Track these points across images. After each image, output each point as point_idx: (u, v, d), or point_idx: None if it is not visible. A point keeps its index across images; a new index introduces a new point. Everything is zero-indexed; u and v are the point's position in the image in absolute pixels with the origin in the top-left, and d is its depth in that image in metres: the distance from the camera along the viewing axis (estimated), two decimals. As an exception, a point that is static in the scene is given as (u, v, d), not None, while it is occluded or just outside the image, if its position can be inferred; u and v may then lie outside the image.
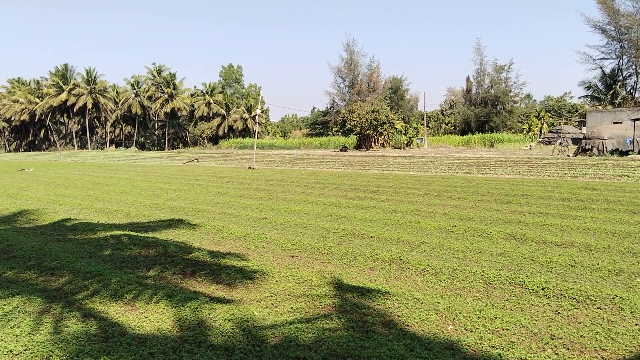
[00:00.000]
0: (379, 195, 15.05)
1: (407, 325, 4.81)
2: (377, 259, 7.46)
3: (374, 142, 60.74)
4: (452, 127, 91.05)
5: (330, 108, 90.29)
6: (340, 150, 60.36)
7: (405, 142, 61.39)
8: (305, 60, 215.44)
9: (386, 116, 59.65)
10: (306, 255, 7.93)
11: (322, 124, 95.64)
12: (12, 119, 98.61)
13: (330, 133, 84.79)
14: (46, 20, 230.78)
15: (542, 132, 73.87)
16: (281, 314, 5.17)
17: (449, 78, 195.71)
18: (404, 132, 63.71)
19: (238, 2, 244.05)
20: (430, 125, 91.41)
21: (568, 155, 35.93)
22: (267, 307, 5.39)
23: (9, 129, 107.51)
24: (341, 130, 71.77)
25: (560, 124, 75.95)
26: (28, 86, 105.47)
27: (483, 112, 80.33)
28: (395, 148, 59.70)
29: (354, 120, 60.17)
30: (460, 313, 5.06)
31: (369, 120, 58.67)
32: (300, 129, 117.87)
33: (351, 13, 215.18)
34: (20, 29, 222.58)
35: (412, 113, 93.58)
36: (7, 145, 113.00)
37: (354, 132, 62.78)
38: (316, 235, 9.49)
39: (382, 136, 60.70)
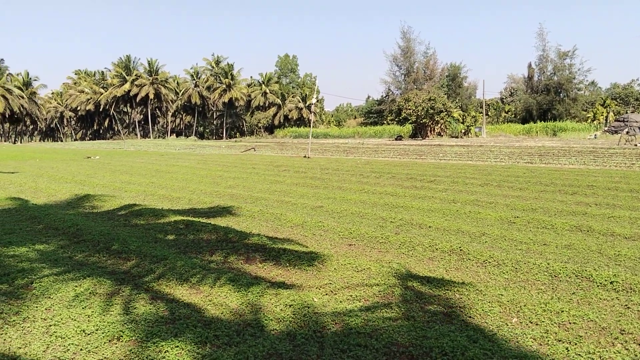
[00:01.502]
0: (437, 185, 14.86)
1: (469, 317, 4.75)
2: (436, 249, 7.38)
3: (430, 131, 59.78)
4: (513, 116, 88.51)
5: (385, 97, 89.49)
6: (395, 139, 59.83)
7: (463, 130, 60.11)
8: (361, 49, 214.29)
9: (443, 104, 58.54)
10: (363, 244, 7.94)
11: (376, 113, 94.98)
12: (78, 108, 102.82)
13: (385, 122, 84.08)
14: (112, 14, 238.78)
15: (608, 121, 70.74)
16: (340, 302, 5.20)
17: (509, 65, 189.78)
18: (461, 121, 62.33)
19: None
20: (489, 113, 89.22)
21: (636, 145, 34.28)
22: (326, 294, 5.44)
23: (75, 119, 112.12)
24: (396, 119, 71.02)
25: (627, 113, 72.47)
26: (93, 77, 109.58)
27: (545, 100, 77.54)
28: (453, 137, 58.58)
29: (409, 109, 59.41)
30: (524, 306, 4.95)
31: (425, 109, 57.76)
32: (355, 117, 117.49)
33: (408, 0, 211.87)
34: (86, 22, 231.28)
35: (471, 101, 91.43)
36: (73, 134, 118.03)
37: (410, 121, 61.95)
38: (373, 224, 9.48)
39: (439, 125, 59.62)
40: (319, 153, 34.33)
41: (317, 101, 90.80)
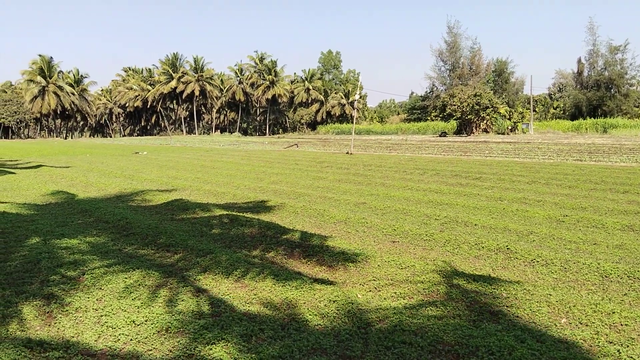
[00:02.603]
0: (482, 182, 14.60)
1: (517, 317, 4.64)
2: (483, 247, 7.25)
3: (476, 128, 58.79)
4: (561, 112, 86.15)
5: (429, 92, 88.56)
6: (440, 136, 59.13)
7: (510, 127, 58.83)
8: (405, 44, 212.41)
9: (489, 100, 57.49)
10: (407, 241, 7.87)
11: (420, 109, 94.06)
12: (127, 105, 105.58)
13: (429, 118, 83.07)
14: (159, 12, 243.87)
15: (663, 117, 68.06)
16: (385, 299, 5.18)
17: (558, 60, 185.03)
18: (508, 117, 60.99)
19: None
20: (536, 109, 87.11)
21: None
22: (370, 291, 5.42)
23: (123, 115, 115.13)
24: (440, 115, 70.10)
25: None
26: (141, 74, 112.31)
27: (595, 96, 75.17)
28: (499, 133, 57.45)
29: (454, 105, 58.59)
30: (574, 306, 4.82)
31: (471, 105, 56.85)
32: (398, 114, 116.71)
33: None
34: (135, 20, 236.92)
35: (518, 97, 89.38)
36: (121, 130, 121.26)
37: (454, 117, 61.14)
38: (417, 221, 9.38)
39: (485, 121, 58.56)
40: (361, 149, 34.23)
41: (360, 97, 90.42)
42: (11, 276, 5.78)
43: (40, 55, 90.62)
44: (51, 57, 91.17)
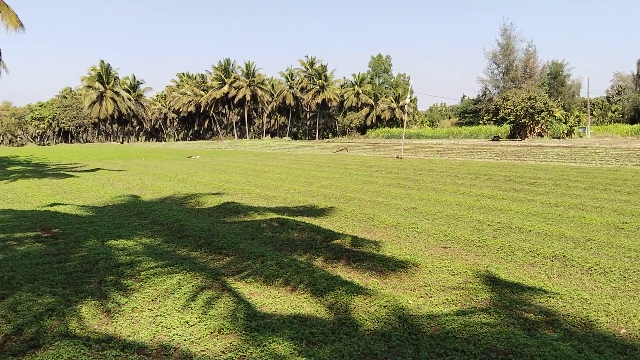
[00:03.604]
0: (537, 188, 14.22)
1: (574, 326, 4.49)
2: (537, 254, 7.06)
3: (530, 132, 57.33)
4: (620, 115, 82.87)
5: (482, 96, 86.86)
6: (492, 140, 57.94)
7: (565, 131, 57.04)
8: (457, 47, 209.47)
9: (544, 104, 55.95)
10: (459, 247, 7.74)
11: (472, 113, 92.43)
12: (180, 110, 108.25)
13: (481, 122, 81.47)
14: (213, 19, 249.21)
15: None
16: (436, 305, 5.11)
17: (616, 62, 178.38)
18: (563, 121, 59.14)
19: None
20: (594, 113, 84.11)
21: None
22: (421, 297, 5.36)
23: (177, 120, 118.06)
24: (493, 119, 68.77)
25: None
26: (194, 80, 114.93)
27: (657, 99, 72.06)
28: (554, 138, 55.81)
29: (508, 108, 57.32)
30: (634, 316, 4.63)
31: (525, 108, 55.48)
32: (449, 118, 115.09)
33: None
34: (188, 27, 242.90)
35: (574, 100, 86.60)
36: (175, 134, 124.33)
37: (508, 121, 59.79)
38: (469, 227, 9.22)
39: (539, 125, 57.03)
40: (411, 154, 33.92)
41: (411, 101, 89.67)
42: (71, 276, 6.01)
43: (101, 61, 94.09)
44: (109, 64, 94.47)
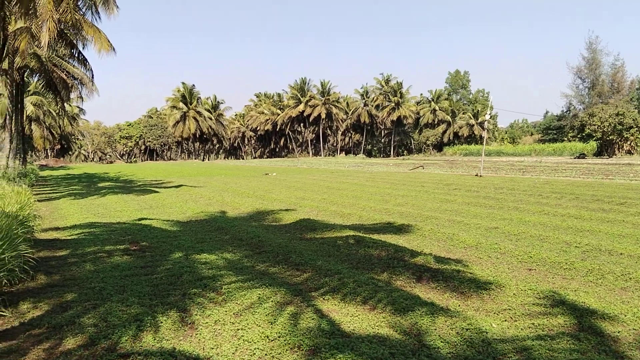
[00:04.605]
0: (628, 208, 13.41)
1: (676, 358, 4.17)
2: (630, 278, 6.63)
3: (618, 149, 54.46)
4: None
5: (566, 112, 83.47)
6: (577, 158, 55.42)
7: (658, 148, 53.77)
8: (539, 62, 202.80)
9: (633, 120, 53.10)
10: (545, 270, 7.41)
11: (556, 129, 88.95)
12: (258, 128, 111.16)
13: (566, 139, 78.25)
14: (290, 40, 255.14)
15: None
16: (521, 329, 4.90)
17: None
18: (656, 138, 55.82)
19: (465, 8, 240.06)
20: (691, 129, 78.68)
21: None
22: (505, 321, 5.16)
23: (254, 138, 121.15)
24: (578, 136, 65.95)
25: None
26: (271, 99, 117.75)
27: None
28: (646, 155, 52.69)
29: (594, 125, 54.83)
30: None
31: (612, 125, 52.86)
32: (531, 134, 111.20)
33: (592, 7, 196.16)
34: (266, 48, 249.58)
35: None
36: (253, 152, 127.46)
37: (594, 138, 57.17)
38: (555, 248, 8.82)
39: (628, 142, 54.09)
40: (491, 171, 32.99)
41: (490, 117, 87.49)
42: (157, 288, 6.24)
43: (183, 83, 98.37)
44: (193, 85, 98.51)
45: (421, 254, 8.19)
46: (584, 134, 59.94)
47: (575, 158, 55.36)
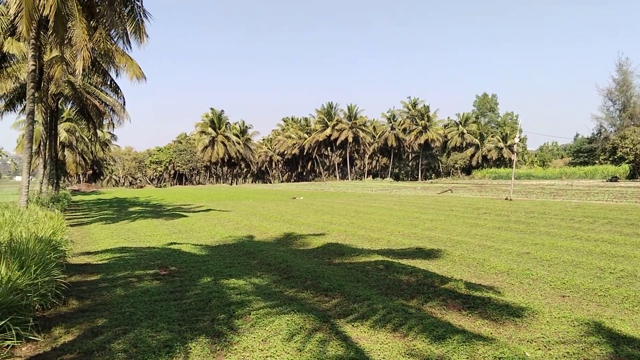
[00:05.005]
0: (665, 233, 13.05)
1: None
2: (670, 307, 6.42)
3: (653, 172, 53.18)
4: None
5: (597, 134, 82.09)
6: (610, 181, 54.31)
7: (695, 171, 52.39)
8: (568, 84, 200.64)
9: (668, 142, 51.87)
10: (579, 296, 7.22)
11: (587, 152, 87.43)
12: (285, 152, 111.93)
13: (597, 162, 76.81)
14: (319, 64, 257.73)
15: None
16: (556, 358, 4.77)
17: None
18: (691, 160, 54.49)
19: (492, 30, 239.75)
20: None
21: None
22: (539, 349, 5.03)
23: (282, 162, 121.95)
24: (610, 159, 64.67)
25: None
26: (298, 123, 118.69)
27: None
28: (681, 178, 51.35)
29: (626, 147, 53.83)
30: None
31: (646, 147, 51.68)
32: (562, 157, 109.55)
33: (621, 28, 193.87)
34: (294, 74, 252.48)
35: None
36: (280, 176, 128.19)
37: (626, 161, 56.06)
38: (589, 274, 8.61)
39: (663, 164, 52.80)
40: (521, 195, 32.51)
41: (520, 140, 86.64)
42: (186, 313, 6.26)
43: (211, 109, 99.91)
44: (222, 110, 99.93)
45: (452, 280, 8.08)
46: (615, 157, 58.85)
47: (607, 181, 54.30)
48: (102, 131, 67.87)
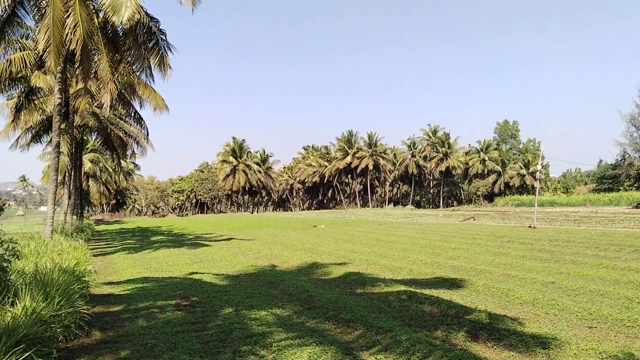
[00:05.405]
0: (695, 261, 12.73)
1: None
2: (703, 338, 6.23)
3: (680, 198, 52.09)
4: None
5: (621, 160, 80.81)
6: (636, 207, 53.28)
7: None
8: (591, 110, 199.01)
9: (696, 167, 50.85)
10: (607, 327, 7.05)
11: (611, 178, 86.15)
12: (306, 180, 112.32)
13: (622, 188, 75.61)
14: (338, 93, 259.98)
15: None
16: (585, 393, 4.65)
17: None
18: None
19: (512, 57, 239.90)
20: None
21: None
22: (567, 383, 4.91)
23: (302, 190, 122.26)
24: (635, 185, 63.53)
25: None
26: (319, 151, 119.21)
27: None
28: None
29: (652, 173, 52.72)
30: None
31: (673, 172, 50.72)
32: (585, 184, 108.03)
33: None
34: (314, 103, 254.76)
35: None
36: (301, 204, 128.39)
37: (653, 186, 54.88)
38: (617, 304, 8.41)
39: (691, 190, 51.71)
40: (545, 222, 32.04)
41: (542, 167, 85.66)
42: (207, 345, 6.26)
43: (233, 138, 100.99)
44: (243, 139, 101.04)
45: (476, 310, 7.96)
46: (641, 183, 57.81)
47: (633, 208, 53.26)
48: (125, 161, 68.90)
